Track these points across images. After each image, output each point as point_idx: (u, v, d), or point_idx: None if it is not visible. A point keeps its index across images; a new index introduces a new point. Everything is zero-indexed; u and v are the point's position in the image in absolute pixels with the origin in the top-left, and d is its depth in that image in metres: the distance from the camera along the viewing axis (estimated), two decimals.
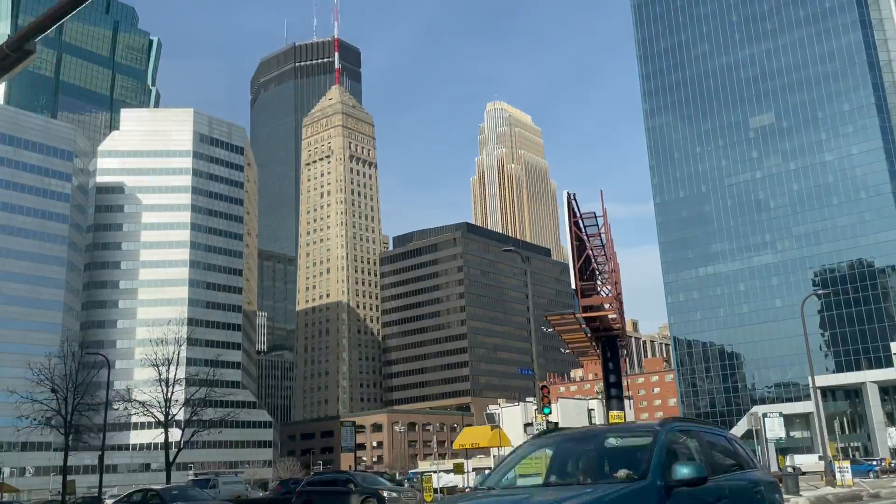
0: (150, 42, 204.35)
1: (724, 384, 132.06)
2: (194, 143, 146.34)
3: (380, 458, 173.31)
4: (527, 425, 40.52)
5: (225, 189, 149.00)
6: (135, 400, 60.57)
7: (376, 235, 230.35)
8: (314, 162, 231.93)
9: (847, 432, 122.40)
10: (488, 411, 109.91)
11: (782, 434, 49.26)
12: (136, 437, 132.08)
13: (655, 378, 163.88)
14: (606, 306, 34.60)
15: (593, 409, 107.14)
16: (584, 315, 33.47)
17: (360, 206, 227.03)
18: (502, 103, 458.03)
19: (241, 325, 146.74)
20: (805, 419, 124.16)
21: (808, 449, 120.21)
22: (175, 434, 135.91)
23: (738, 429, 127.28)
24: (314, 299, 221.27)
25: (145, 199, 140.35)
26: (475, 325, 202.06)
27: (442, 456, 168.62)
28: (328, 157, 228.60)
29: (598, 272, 35.21)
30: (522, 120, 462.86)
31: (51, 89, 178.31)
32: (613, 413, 37.56)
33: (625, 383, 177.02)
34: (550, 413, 30.31)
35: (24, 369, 59.96)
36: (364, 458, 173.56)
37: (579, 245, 32.60)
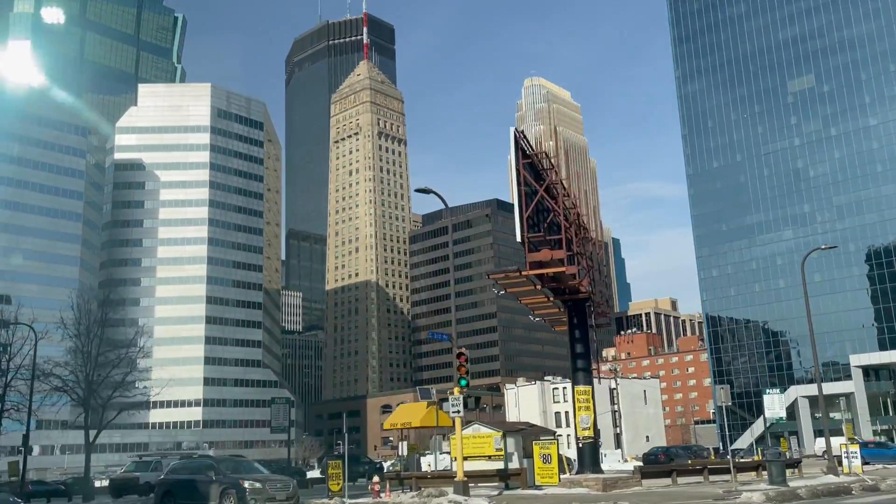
0: (176, 19, 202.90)
1: (760, 363, 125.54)
2: (212, 118, 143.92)
3: (409, 438, 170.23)
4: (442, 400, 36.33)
5: (244, 165, 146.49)
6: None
7: (406, 213, 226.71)
8: (342, 139, 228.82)
9: (892, 414, 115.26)
10: (424, 391, 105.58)
11: (782, 413, 44.01)
12: (156, 416, 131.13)
13: (690, 357, 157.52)
14: (572, 269, 29.90)
15: (615, 389, 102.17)
16: (533, 272, 28.86)
17: (388, 184, 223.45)
18: (540, 79, 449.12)
19: (262, 303, 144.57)
20: (847, 400, 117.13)
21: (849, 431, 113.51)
22: (195, 413, 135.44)
23: (773, 409, 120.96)
24: (343, 279, 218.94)
25: (163, 176, 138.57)
26: (505, 304, 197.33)
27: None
28: (356, 134, 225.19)
29: (565, 227, 30.55)
30: (561, 96, 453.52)
31: (75, 68, 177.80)
32: (579, 388, 33.03)
33: (660, 362, 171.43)
34: (467, 385, 25.87)
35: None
36: (391, 439, 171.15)
37: (529, 191, 28.04)
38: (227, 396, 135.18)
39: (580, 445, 33.55)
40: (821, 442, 74.38)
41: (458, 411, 21.46)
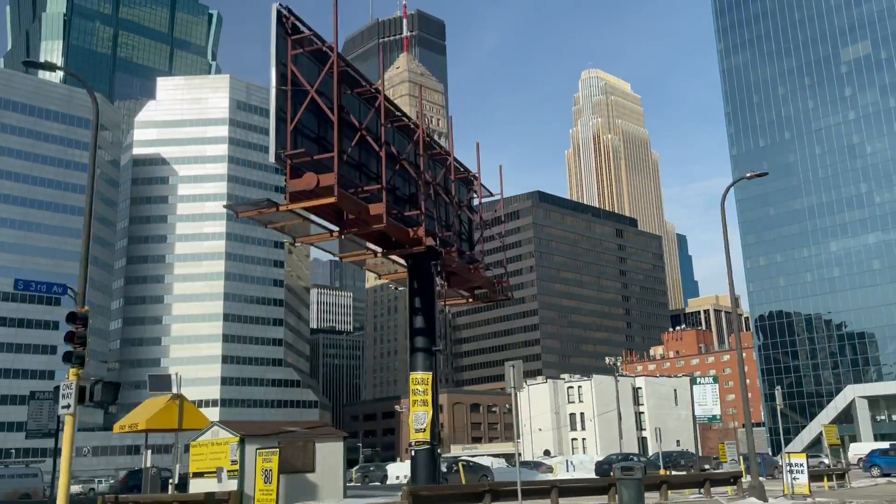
0: (210, 16, 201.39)
1: (813, 360, 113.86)
2: (231, 110, 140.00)
3: (442, 440, 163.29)
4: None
5: (264, 158, 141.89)
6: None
7: None
8: None
9: None
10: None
11: (716, 410, 34.91)
12: None
13: (744, 355, 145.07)
14: (378, 207, 22.08)
15: (640, 388, 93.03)
16: (295, 206, 21.39)
17: None
18: (598, 71, 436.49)
19: (284, 299, 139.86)
20: None
21: None
22: (213, 413, 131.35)
23: (828, 413, 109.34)
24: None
25: (181, 171, 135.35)
26: (547, 300, 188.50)
27: (508, 439, 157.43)
28: None
29: (376, 150, 23.09)
30: (620, 88, 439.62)
31: (108, 66, 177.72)
32: (416, 375, 25.55)
33: (710, 361, 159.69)
34: (82, 364, 18.34)
35: None
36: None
37: (296, 90, 20.54)
38: (247, 396, 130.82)
39: (413, 453, 26.09)
40: (857, 448, 64.15)
41: (68, 406, 14.19)
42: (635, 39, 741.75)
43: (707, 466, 47.52)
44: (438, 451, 25.15)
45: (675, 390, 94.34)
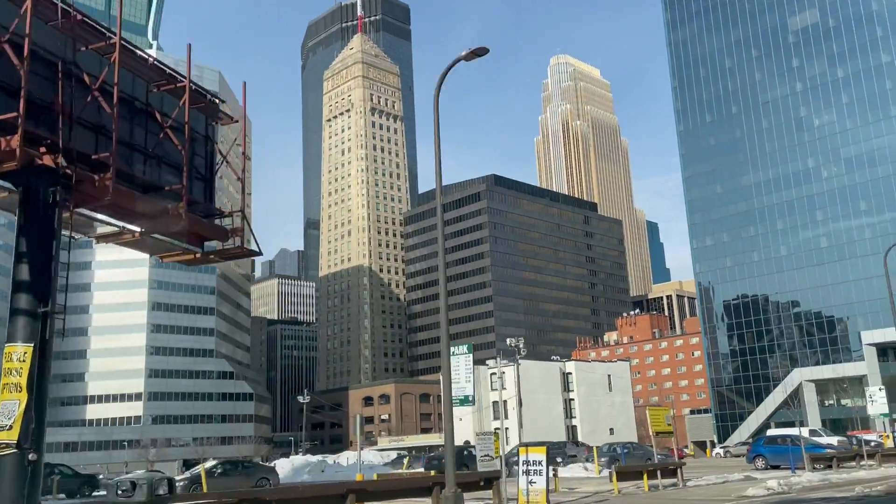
0: None
1: (760, 343, 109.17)
2: None
3: (390, 430, 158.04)
4: None
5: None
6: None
7: (402, 194, 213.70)
8: (335, 117, 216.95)
9: None
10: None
11: (469, 391, 29.16)
12: (93, 412, 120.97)
13: (696, 340, 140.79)
14: None
15: (570, 373, 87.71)
16: None
17: (383, 163, 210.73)
18: (566, 57, 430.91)
19: (216, 287, 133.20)
20: (858, 384, 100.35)
21: (864, 421, 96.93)
22: (136, 408, 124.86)
23: (774, 398, 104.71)
24: (335, 264, 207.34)
25: None
26: (503, 286, 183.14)
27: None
28: (348, 110, 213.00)
29: None
30: (589, 73, 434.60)
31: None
32: (11, 348, 19.32)
33: (663, 346, 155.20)
34: None
35: None
36: (372, 432, 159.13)
37: None
38: (174, 389, 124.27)
39: None
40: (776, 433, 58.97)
41: None
42: (606, 26, 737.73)
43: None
44: (31, 457, 17.27)
45: (609, 376, 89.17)
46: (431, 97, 17.95)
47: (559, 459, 38.18)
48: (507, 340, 62.82)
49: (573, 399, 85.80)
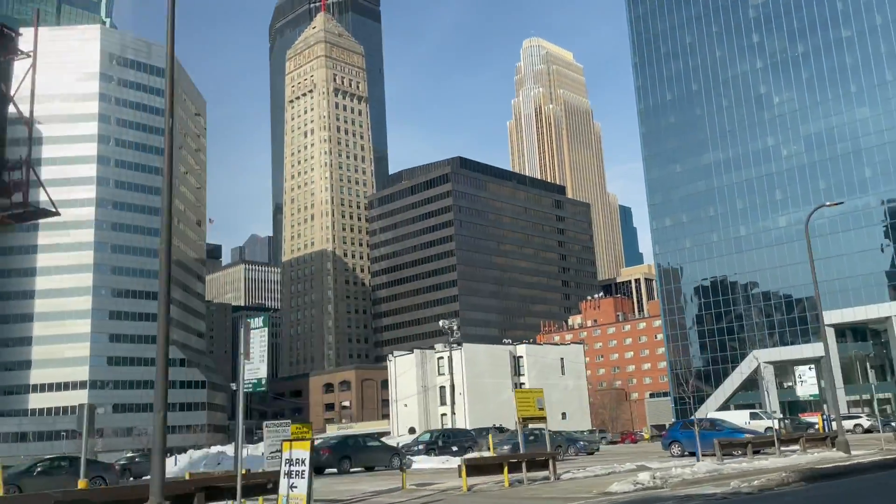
0: None
1: (718, 325, 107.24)
2: (102, 63, 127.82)
3: (351, 417, 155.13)
4: None
5: (143, 117, 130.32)
6: None
7: (367, 177, 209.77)
8: (297, 98, 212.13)
9: (874, 381, 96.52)
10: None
11: (262, 374, 26.48)
12: (35, 402, 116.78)
13: (659, 323, 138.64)
14: None
15: (521, 357, 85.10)
16: None
17: (347, 145, 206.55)
18: (539, 40, 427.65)
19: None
20: (817, 365, 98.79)
21: (822, 403, 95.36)
22: (80, 396, 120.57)
23: (733, 380, 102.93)
24: (299, 249, 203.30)
25: (46, 130, 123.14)
26: (467, 270, 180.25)
27: None
28: (311, 91, 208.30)
29: None
30: (562, 57, 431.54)
31: None
32: None
33: (626, 329, 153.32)
34: None
35: None
36: (333, 419, 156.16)
37: None
38: (121, 377, 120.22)
39: None
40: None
41: None
42: (579, 9, 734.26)
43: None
44: None
45: (562, 359, 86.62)
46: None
47: (454, 448, 35.28)
48: (441, 322, 59.78)
49: (524, 383, 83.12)
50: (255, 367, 16.46)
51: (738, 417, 48.54)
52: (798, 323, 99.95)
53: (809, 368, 34.74)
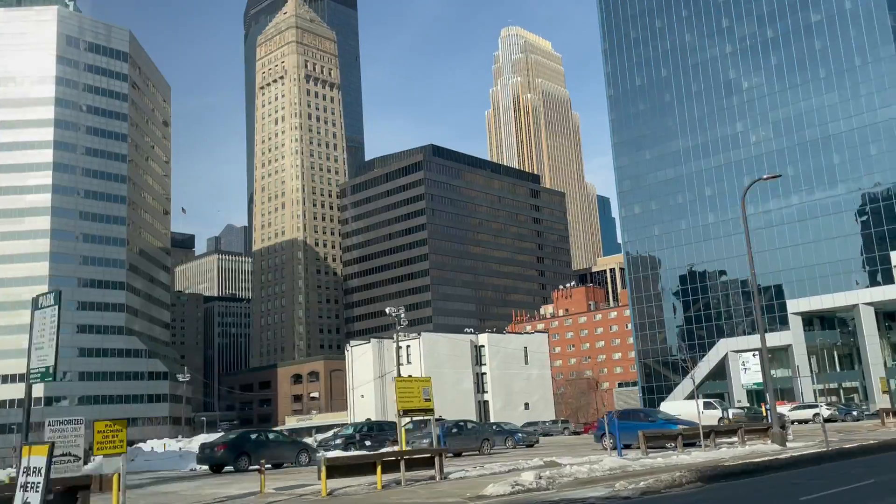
0: None
1: (687, 313, 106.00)
2: (59, 46, 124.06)
3: (320, 409, 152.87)
4: None
5: (102, 102, 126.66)
6: None
7: (339, 165, 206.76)
8: (268, 85, 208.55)
9: (841, 369, 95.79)
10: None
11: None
12: None
13: (629, 312, 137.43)
14: None
15: (483, 346, 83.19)
16: None
17: (318, 132, 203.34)
18: (518, 29, 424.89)
19: (127, 261, 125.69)
20: (784, 354, 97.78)
21: (788, 392, 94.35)
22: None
23: (701, 369, 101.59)
24: (269, 238, 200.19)
25: (0, 115, 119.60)
26: (439, 259, 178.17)
27: None
28: (282, 78, 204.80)
29: None
30: (540, 46, 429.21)
31: None
32: None
33: (598, 318, 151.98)
34: None
35: None
36: (301, 410, 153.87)
37: None
38: (77, 368, 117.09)
39: None
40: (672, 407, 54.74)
41: None
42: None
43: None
44: None
45: (526, 348, 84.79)
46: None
47: (368, 443, 33.17)
48: (387, 310, 57.70)
49: (485, 373, 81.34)
50: (43, 354, 14.11)
51: (691, 407, 46.81)
52: (766, 311, 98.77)
53: (753, 356, 33.06)
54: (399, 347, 78.74)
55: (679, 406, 49.75)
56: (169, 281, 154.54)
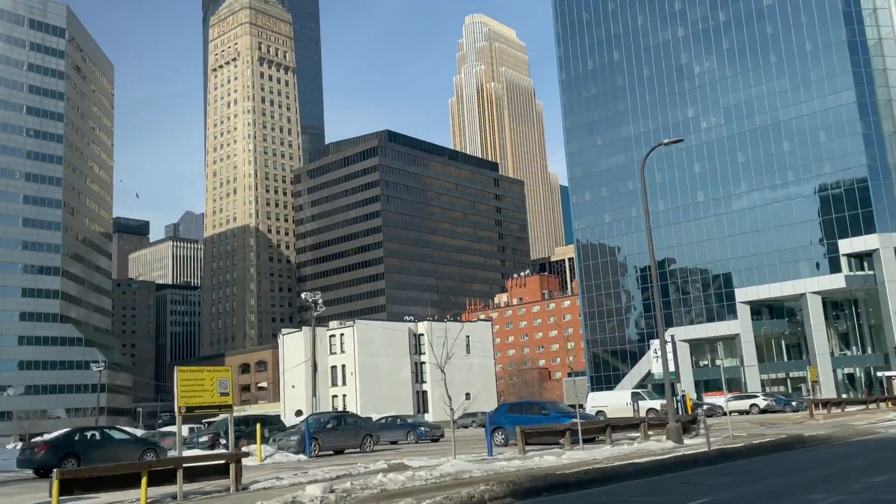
0: None
1: (637, 301, 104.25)
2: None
3: (269, 398, 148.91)
4: None
5: (36, 79, 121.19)
6: None
7: (293, 150, 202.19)
8: (220, 67, 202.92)
9: (789, 359, 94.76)
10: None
11: None
12: None
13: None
14: None
15: (423, 335, 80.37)
16: None
17: (273, 116, 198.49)
18: (482, 16, 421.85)
19: (62, 245, 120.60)
20: (733, 343, 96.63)
21: (735, 382, 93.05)
22: None
23: (649, 359, 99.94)
24: (221, 224, 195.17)
25: None
26: (394, 247, 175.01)
27: None
28: (235, 59, 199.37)
29: None
30: (504, 34, 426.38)
31: None
32: None
33: (551, 307, 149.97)
34: None
35: None
36: (249, 400, 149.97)
37: None
38: (6, 357, 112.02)
39: None
40: (593, 399, 52.44)
41: None
42: None
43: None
44: None
45: (468, 337, 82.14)
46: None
47: (223, 442, 30.18)
48: (303, 295, 54.61)
49: (424, 363, 78.56)
50: None
51: (620, 398, 44.50)
52: (714, 300, 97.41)
53: (664, 343, 31.12)
54: (333, 336, 75.76)
55: (607, 397, 47.42)
56: (111, 267, 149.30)
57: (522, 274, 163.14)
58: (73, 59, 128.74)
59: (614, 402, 42.82)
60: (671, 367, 32.61)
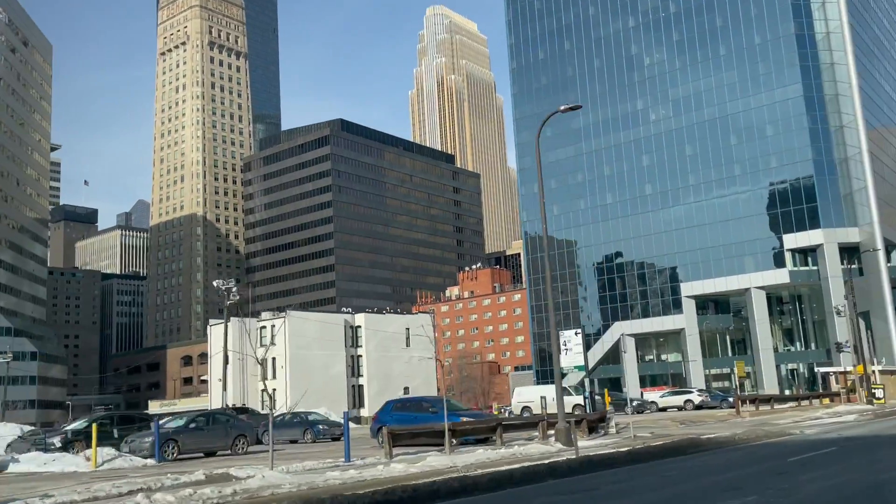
0: None
1: (582, 294, 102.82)
2: None
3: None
4: None
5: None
6: None
7: (244, 138, 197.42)
8: (169, 51, 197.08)
9: (733, 354, 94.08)
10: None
11: None
12: None
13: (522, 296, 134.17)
14: None
15: (360, 327, 77.73)
16: None
17: (222, 103, 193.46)
18: (443, 8, 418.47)
19: None
20: (678, 337, 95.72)
21: (678, 377, 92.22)
22: None
23: (594, 353, 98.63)
24: (167, 212, 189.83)
25: None
26: (345, 238, 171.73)
27: None
28: (184, 43, 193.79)
29: None
30: (465, 27, 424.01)
31: None
32: None
33: (502, 301, 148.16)
34: None
35: None
36: (192, 393, 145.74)
37: None
38: None
39: None
40: (517, 395, 50.53)
41: None
42: None
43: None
44: None
45: (408, 329, 79.75)
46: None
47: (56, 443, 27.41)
48: (215, 283, 51.71)
49: (361, 356, 76.01)
50: None
51: (546, 393, 42.43)
52: (660, 294, 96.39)
53: (576, 334, 29.25)
54: (264, 327, 72.82)
55: (533, 392, 45.43)
56: (47, 255, 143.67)
57: (474, 267, 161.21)
58: (10, 40, 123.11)
59: (538, 397, 40.78)
60: (579, 361, 30.52)
